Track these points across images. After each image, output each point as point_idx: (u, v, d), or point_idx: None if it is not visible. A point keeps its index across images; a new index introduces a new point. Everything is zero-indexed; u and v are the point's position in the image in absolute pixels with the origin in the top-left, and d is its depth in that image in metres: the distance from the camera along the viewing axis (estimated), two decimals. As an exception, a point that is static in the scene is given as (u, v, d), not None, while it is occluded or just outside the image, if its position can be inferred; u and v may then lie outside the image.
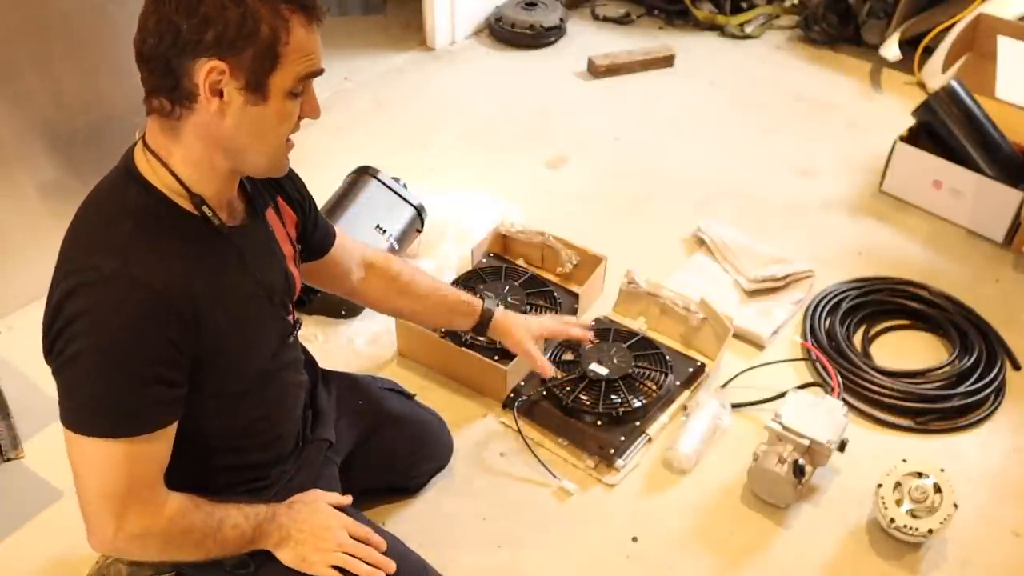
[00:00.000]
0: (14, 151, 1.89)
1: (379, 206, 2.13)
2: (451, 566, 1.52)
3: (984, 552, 1.61)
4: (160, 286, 1.00)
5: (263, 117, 1.02)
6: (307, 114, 1.06)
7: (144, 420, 1.04)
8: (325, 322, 2.04)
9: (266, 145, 1.05)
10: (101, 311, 0.98)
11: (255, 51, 0.97)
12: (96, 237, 1.03)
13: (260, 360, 1.19)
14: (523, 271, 2.11)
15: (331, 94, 2.90)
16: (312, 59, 1.01)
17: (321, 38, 1.04)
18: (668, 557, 1.60)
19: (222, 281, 1.09)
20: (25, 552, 1.56)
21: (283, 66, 0.99)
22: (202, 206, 1.06)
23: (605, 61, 3.05)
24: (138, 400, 1.02)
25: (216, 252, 1.10)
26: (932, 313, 2.06)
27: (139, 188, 1.05)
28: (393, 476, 1.61)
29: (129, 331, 0.99)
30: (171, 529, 1.09)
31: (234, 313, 1.11)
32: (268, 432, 1.28)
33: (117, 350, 0.99)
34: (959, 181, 2.31)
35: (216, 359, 1.09)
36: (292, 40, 0.98)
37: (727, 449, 1.77)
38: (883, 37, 3.03)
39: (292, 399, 1.32)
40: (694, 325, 1.95)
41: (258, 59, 0.97)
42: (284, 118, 1.03)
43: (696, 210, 2.42)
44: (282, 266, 1.23)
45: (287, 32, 0.98)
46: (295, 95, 1.02)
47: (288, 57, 0.99)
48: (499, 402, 1.85)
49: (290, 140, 1.09)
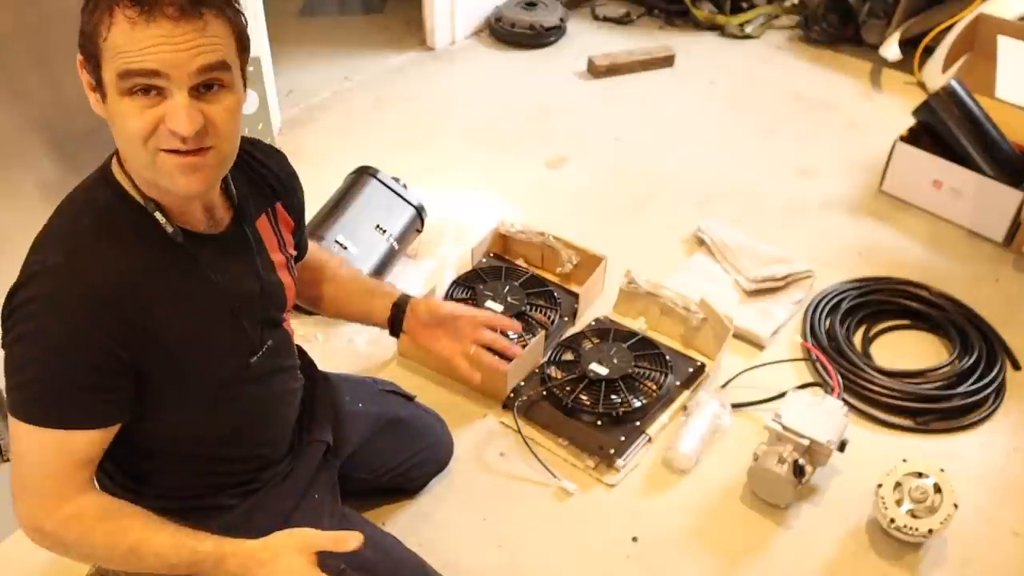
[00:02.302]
0: (14, 150, 1.89)
1: (379, 206, 2.13)
2: (451, 566, 1.52)
3: (984, 552, 1.61)
4: (100, 284, 0.99)
5: (112, 115, 0.97)
6: (168, 123, 0.95)
7: (64, 415, 1.02)
8: (325, 322, 2.03)
9: (130, 148, 0.98)
10: (40, 303, 0.98)
11: (83, 44, 0.96)
12: (53, 232, 1.04)
13: (224, 371, 1.15)
14: (523, 271, 2.11)
15: (331, 94, 2.90)
16: (129, 56, 0.92)
17: (322, 38, 1.02)
18: (668, 557, 1.60)
19: (178, 290, 1.07)
20: (25, 552, 1.56)
21: (105, 61, 0.94)
22: (155, 211, 1.04)
23: (605, 61, 3.05)
24: (64, 394, 1.01)
25: (175, 260, 1.07)
26: (932, 313, 2.06)
27: (109, 190, 1.05)
28: (393, 477, 1.60)
29: (63, 325, 0.98)
30: (61, 533, 1.05)
31: (189, 322, 1.08)
32: (250, 439, 1.26)
33: (51, 341, 0.99)
34: (959, 181, 2.31)
35: (170, 367, 1.07)
36: (111, 36, 0.92)
37: (727, 449, 1.77)
38: (883, 37, 3.03)
39: (277, 408, 1.29)
40: (694, 325, 1.94)
41: (86, 52, 0.96)
42: (128, 119, 0.95)
43: (696, 210, 2.42)
44: (264, 276, 1.19)
45: (108, 27, 0.92)
46: (129, 94, 0.94)
47: (107, 52, 0.93)
48: (499, 402, 1.85)
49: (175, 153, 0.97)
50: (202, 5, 0.93)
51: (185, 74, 0.94)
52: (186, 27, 0.92)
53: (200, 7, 0.93)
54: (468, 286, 2.02)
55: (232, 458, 1.25)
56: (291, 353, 1.31)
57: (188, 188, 1.01)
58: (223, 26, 0.97)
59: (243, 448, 1.26)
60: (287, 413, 1.32)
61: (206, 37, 0.94)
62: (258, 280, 1.18)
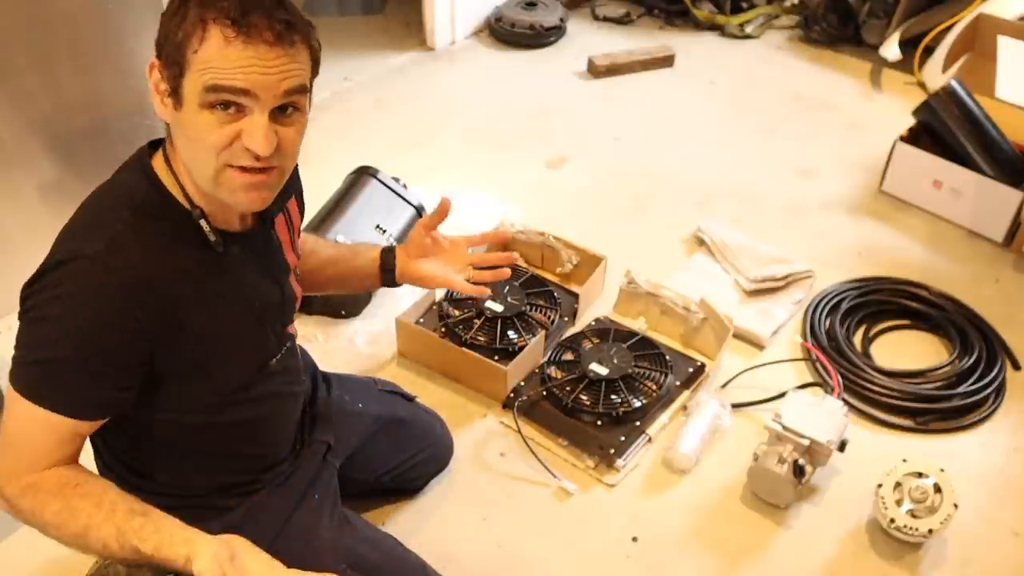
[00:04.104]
0: (14, 151, 1.88)
1: (379, 206, 2.13)
2: (451, 566, 1.52)
3: (984, 552, 1.61)
4: (137, 277, 1.00)
5: (184, 124, 0.99)
6: (245, 141, 0.97)
7: (63, 403, 1.02)
8: (325, 322, 2.04)
9: (198, 158, 1.00)
10: (72, 287, 0.98)
11: (167, 52, 0.97)
12: (90, 223, 1.04)
13: (244, 373, 1.17)
14: (523, 271, 2.11)
15: (331, 94, 2.90)
16: (220, 72, 0.94)
17: (321, 38, 1.03)
18: (668, 557, 1.60)
19: (209, 290, 1.08)
20: (25, 552, 1.56)
21: (189, 72, 0.95)
22: (200, 219, 1.06)
23: (605, 61, 3.05)
24: (70, 383, 1.01)
25: (209, 263, 1.08)
26: (932, 313, 2.06)
27: (150, 187, 1.05)
28: (393, 477, 1.60)
29: (92, 313, 0.99)
30: (17, 500, 1.04)
31: (216, 323, 1.09)
32: (257, 440, 1.26)
33: (75, 329, 0.99)
34: (959, 181, 2.31)
35: (192, 366, 1.08)
36: (203, 49, 0.94)
37: (727, 449, 1.77)
38: (883, 37, 3.03)
39: (283, 409, 1.30)
40: (694, 325, 1.95)
41: (169, 61, 0.97)
42: (203, 131, 0.97)
43: (696, 210, 2.42)
44: (280, 281, 1.20)
45: (200, 40, 0.94)
46: (210, 107, 0.96)
47: (194, 66, 0.95)
48: (499, 402, 1.85)
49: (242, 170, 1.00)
50: (295, 32, 0.97)
51: (271, 96, 0.96)
52: (279, 51, 0.95)
53: (293, 35, 0.96)
54: (468, 286, 2.02)
55: (239, 457, 1.25)
56: (298, 355, 1.32)
57: (250, 205, 1.04)
58: (306, 52, 1.00)
59: (249, 448, 1.26)
60: (292, 414, 1.33)
61: (295, 62, 0.97)
62: (278, 284, 1.20)
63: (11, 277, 1.99)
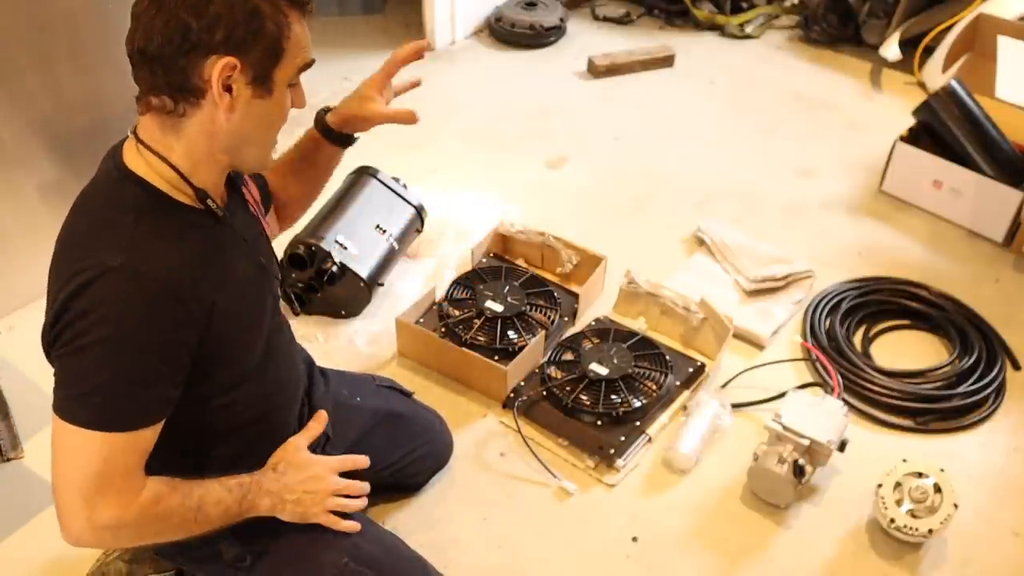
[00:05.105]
0: (14, 151, 1.88)
1: (379, 206, 2.12)
2: (451, 566, 1.52)
3: (984, 552, 1.61)
4: (166, 278, 1.02)
5: (267, 110, 1.07)
6: (296, 104, 1.12)
7: (137, 416, 1.04)
8: (325, 322, 2.04)
9: (267, 137, 1.12)
10: (110, 305, 0.99)
11: (263, 47, 1.02)
12: (98, 236, 1.04)
13: (258, 342, 1.20)
14: (523, 271, 2.11)
15: (331, 94, 2.88)
16: (307, 51, 1.09)
17: (321, 38, 1.06)
18: (668, 557, 1.60)
19: (224, 266, 1.12)
20: (25, 552, 1.56)
21: (286, 59, 1.05)
22: (206, 199, 1.09)
23: (605, 61, 3.05)
24: (137, 395, 1.03)
25: (217, 239, 1.12)
26: (932, 313, 2.06)
27: (135, 185, 1.06)
28: (393, 473, 1.60)
29: (138, 324, 1.00)
30: (144, 517, 1.08)
31: (237, 297, 1.13)
32: (267, 421, 1.28)
33: (125, 343, 1.00)
34: (959, 181, 2.31)
35: (222, 347, 1.11)
36: (292, 35, 1.04)
37: (727, 449, 1.77)
38: (883, 37, 3.03)
39: (290, 386, 1.33)
40: (694, 325, 1.95)
41: (265, 54, 1.02)
42: (284, 109, 1.10)
43: (696, 210, 2.42)
44: (259, 228, 1.26)
45: (287, 27, 1.03)
46: (292, 86, 1.09)
47: (290, 51, 1.05)
48: (499, 402, 1.85)
49: None
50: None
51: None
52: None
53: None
54: (468, 286, 2.02)
55: (248, 440, 1.26)
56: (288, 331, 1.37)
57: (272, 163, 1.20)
58: None
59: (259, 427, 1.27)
60: (293, 395, 1.36)
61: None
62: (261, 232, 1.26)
63: (11, 277, 2.01)
